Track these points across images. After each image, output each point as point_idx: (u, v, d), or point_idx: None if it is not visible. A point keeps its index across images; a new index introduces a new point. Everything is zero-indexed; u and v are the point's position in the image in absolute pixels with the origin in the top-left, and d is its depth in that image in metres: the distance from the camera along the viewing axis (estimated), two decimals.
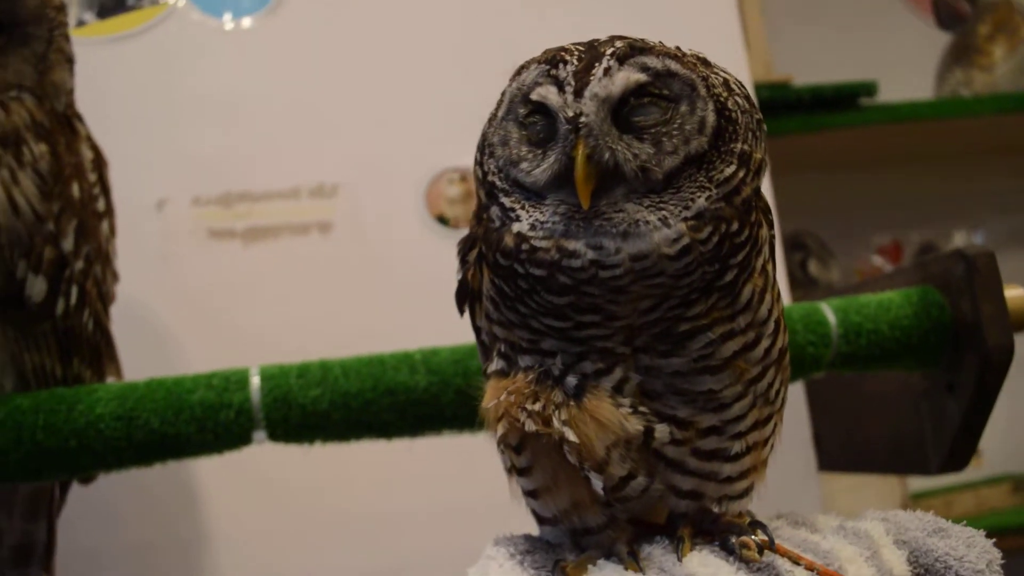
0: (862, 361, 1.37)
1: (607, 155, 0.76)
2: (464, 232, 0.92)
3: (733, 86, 0.80)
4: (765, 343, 0.81)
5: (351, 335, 1.53)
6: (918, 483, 2.73)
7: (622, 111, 0.77)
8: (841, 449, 1.83)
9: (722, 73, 0.81)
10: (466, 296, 0.89)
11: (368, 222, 1.83)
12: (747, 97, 0.81)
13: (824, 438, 1.88)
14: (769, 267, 0.82)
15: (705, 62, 0.81)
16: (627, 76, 0.76)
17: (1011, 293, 1.37)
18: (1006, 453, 2.91)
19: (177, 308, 1.75)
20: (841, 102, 2.65)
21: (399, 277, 1.79)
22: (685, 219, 0.75)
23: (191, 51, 1.89)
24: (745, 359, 0.80)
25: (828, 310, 1.36)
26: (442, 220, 1.85)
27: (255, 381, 1.22)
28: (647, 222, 0.75)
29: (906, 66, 3.21)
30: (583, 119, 0.76)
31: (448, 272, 0.92)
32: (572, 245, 0.75)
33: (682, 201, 0.76)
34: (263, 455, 1.31)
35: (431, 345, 1.28)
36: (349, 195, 1.84)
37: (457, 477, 1.63)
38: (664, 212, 0.76)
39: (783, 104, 2.55)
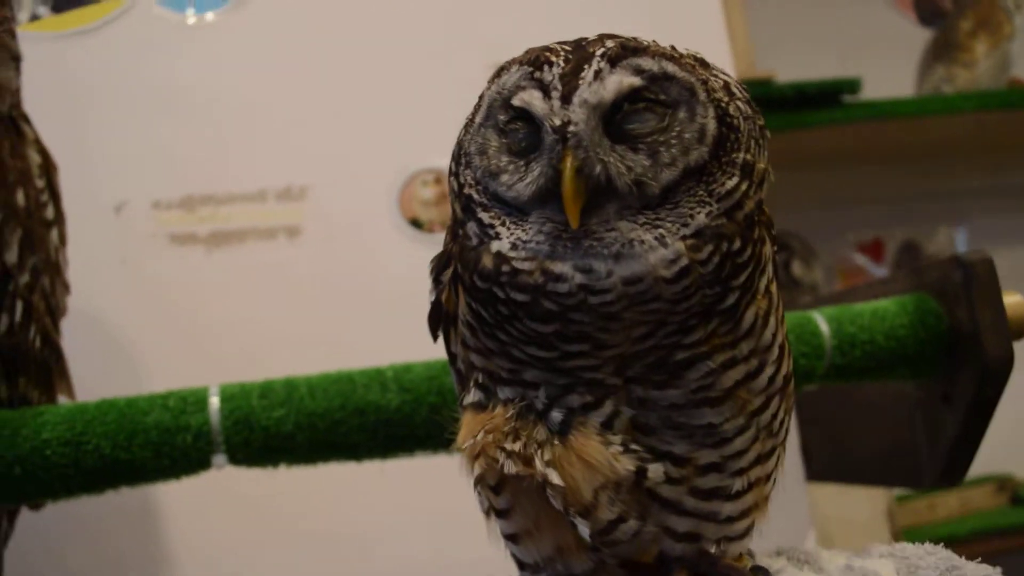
0: (856, 373, 1.32)
1: (598, 168, 0.69)
2: (440, 236, 0.84)
3: (734, 90, 0.73)
4: (769, 371, 0.74)
5: (320, 346, 1.46)
6: None
7: (614, 119, 0.70)
8: (829, 459, 1.77)
9: (722, 75, 0.74)
10: (440, 320, 0.82)
11: (338, 226, 1.76)
12: (749, 102, 0.74)
13: (812, 448, 1.83)
14: (773, 288, 0.75)
15: (703, 63, 0.74)
16: (620, 80, 0.69)
17: (1009, 300, 1.32)
18: (990, 453, 2.87)
19: (136, 319, 1.67)
20: (824, 99, 2.60)
21: (371, 284, 1.72)
22: (683, 237, 0.69)
23: (151, 47, 1.81)
24: (748, 389, 0.73)
25: (821, 320, 1.30)
26: (416, 223, 1.78)
27: (214, 402, 1.15)
28: (642, 242, 0.68)
29: (888, 63, 3.17)
30: (571, 128, 0.69)
31: (423, 278, 0.85)
32: (558, 268, 0.69)
33: (680, 218, 0.69)
34: (224, 469, 1.22)
35: (405, 356, 1.21)
36: (318, 198, 1.77)
37: (430, 491, 1.55)
38: (660, 230, 0.69)
39: (765, 101, 2.46)
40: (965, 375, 1.31)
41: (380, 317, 1.66)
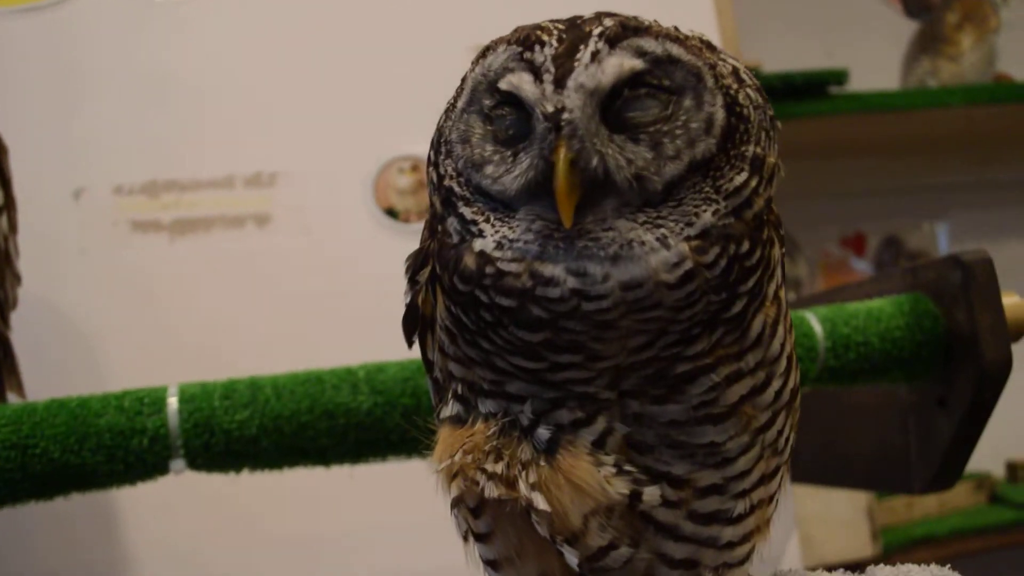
0: (850, 376, 1.27)
1: (595, 160, 0.63)
2: (417, 226, 0.77)
3: (744, 76, 0.67)
4: (776, 384, 0.68)
5: (289, 342, 1.40)
6: None
7: (612, 106, 0.63)
8: (816, 461, 1.72)
9: (731, 60, 0.67)
10: (416, 324, 0.75)
11: (310, 215, 1.70)
12: (759, 89, 0.68)
13: (798, 448, 1.77)
14: (782, 293, 0.69)
15: (710, 46, 0.68)
16: (620, 62, 0.62)
17: (1008, 301, 1.28)
18: None
19: (94, 311, 1.59)
20: (810, 90, 2.56)
21: (344, 277, 1.65)
22: (688, 238, 0.62)
23: (114, 24, 1.73)
24: (753, 404, 0.67)
25: (815, 320, 1.25)
26: (391, 213, 1.71)
27: (172, 403, 1.08)
28: (642, 243, 0.62)
29: (873, 54, 3.14)
30: (566, 115, 0.62)
31: (399, 271, 0.78)
32: (549, 270, 0.62)
33: (684, 216, 0.63)
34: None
35: (380, 354, 1.15)
36: (289, 185, 1.71)
37: (402, 497, 1.49)
38: (663, 230, 0.62)
39: None
40: (962, 379, 1.27)
41: (353, 312, 1.59)
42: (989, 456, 2.82)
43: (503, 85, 0.65)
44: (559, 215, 0.62)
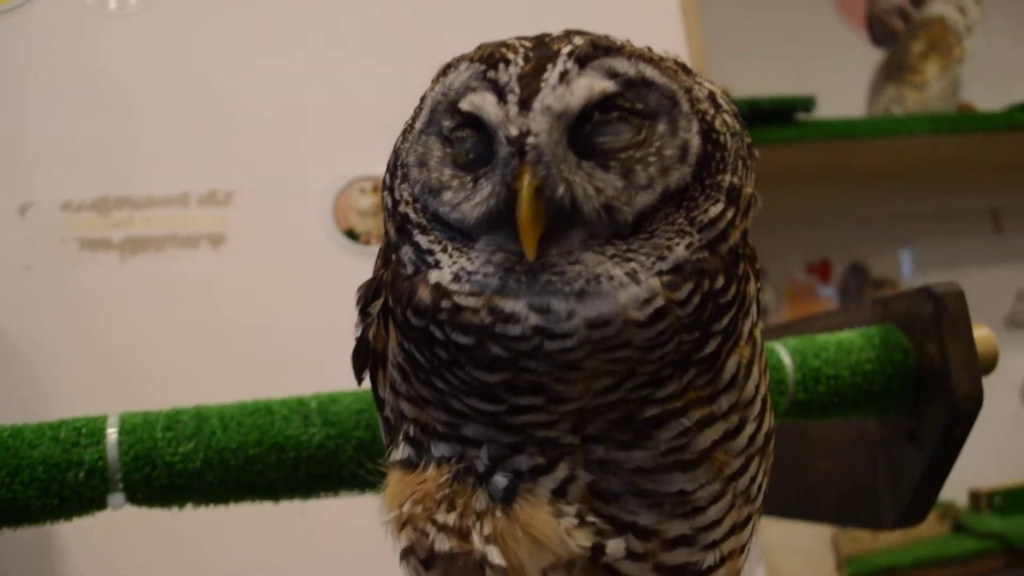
0: (819, 410, 1.24)
1: (561, 189, 0.59)
2: (378, 249, 0.73)
3: (720, 101, 0.64)
4: (750, 429, 0.65)
5: (241, 369, 1.34)
6: None
7: (581, 130, 0.60)
8: (783, 495, 1.69)
9: (707, 84, 0.64)
10: (366, 359, 0.70)
11: (267, 235, 1.65)
12: (736, 115, 0.64)
13: None
14: (757, 332, 0.65)
15: (685, 69, 0.64)
16: (590, 84, 0.59)
17: (978, 334, 1.25)
18: None
19: (38, 333, 1.53)
20: (778, 116, 2.56)
21: (300, 300, 1.60)
22: (659, 273, 0.58)
23: (64, 32, 1.67)
24: (726, 450, 0.64)
25: (784, 352, 1.22)
26: (352, 235, 1.67)
27: (111, 434, 1.02)
28: (610, 277, 0.58)
29: (839, 81, 3.16)
30: (531, 139, 0.58)
31: None
32: (510, 306, 0.58)
33: (656, 250, 0.59)
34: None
35: (335, 381, 1.09)
36: (245, 204, 1.65)
37: (355, 534, 1.43)
38: (633, 264, 0.59)
39: None
40: (933, 413, 1.25)
41: (309, 338, 1.53)
42: (952, 485, 2.82)
43: (464, 105, 0.61)
44: (521, 247, 0.58)
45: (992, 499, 2.80)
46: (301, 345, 1.53)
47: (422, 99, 0.67)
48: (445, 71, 0.65)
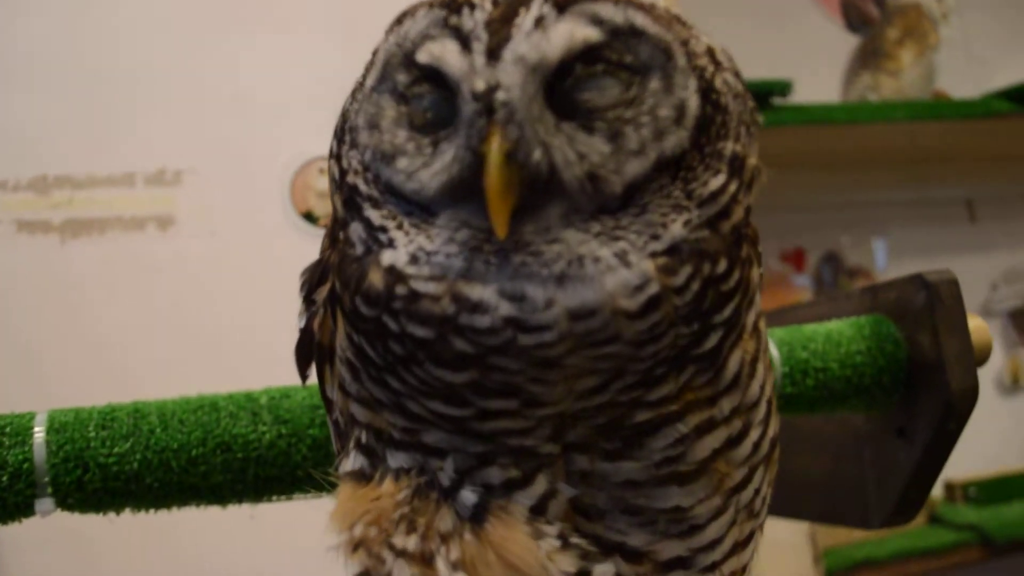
0: (807, 404, 1.18)
1: (537, 153, 0.51)
2: None
3: (720, 58, 0.56)
4: (754, 435, 0.57)
5: (189, 359, 1.24)
6: None
7: (561, 85, 0.52)
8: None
9: (704, 38, 0.56)
10: (311, 354, 0.62)
11: (219, 218, 1.56)
12: (738, 74, 0.57)
13: None
14: (761, 324, 0.58)
15: (679, 19, 0.56)
16: (570, 31, 0.51)
17: (971, 324, 1.19)
18: None
19: None
20: (755, 100, 2.49)
21: (255, 287, 1.51)
22: (653, 255, 0.51)
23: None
24: (727, 459, 0.56)
25: (771, 343, 1.14)
26: (310, 218, 1.59)
27: (39, 434, 0.94)
28: (596, 259, 0.50)
29: (815, 67, 3.12)
30: (501, 95, 0.50)
31: None
32: (476, 292, 0.50)
33: (649, 227, 0.52)
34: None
35: (291, 375, 1.00)
36: (196, 184, 1.57)
37: (309, 538, 1.35)
38: (622, 244, 0.51)
39: None
40: (925, 408, 1.19)
41: (263, 328, 1.44)
42: None
43: (422, 57, 0.53)
44: (490, 222, 0.50)
45: (967, 490, 2.78)
46: (254, 335, 1.44)
47: (374, 53, 0.59)
48: (400, 19, 0.57)
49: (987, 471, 2.84)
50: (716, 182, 0.53)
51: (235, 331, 1.46)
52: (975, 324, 1.21)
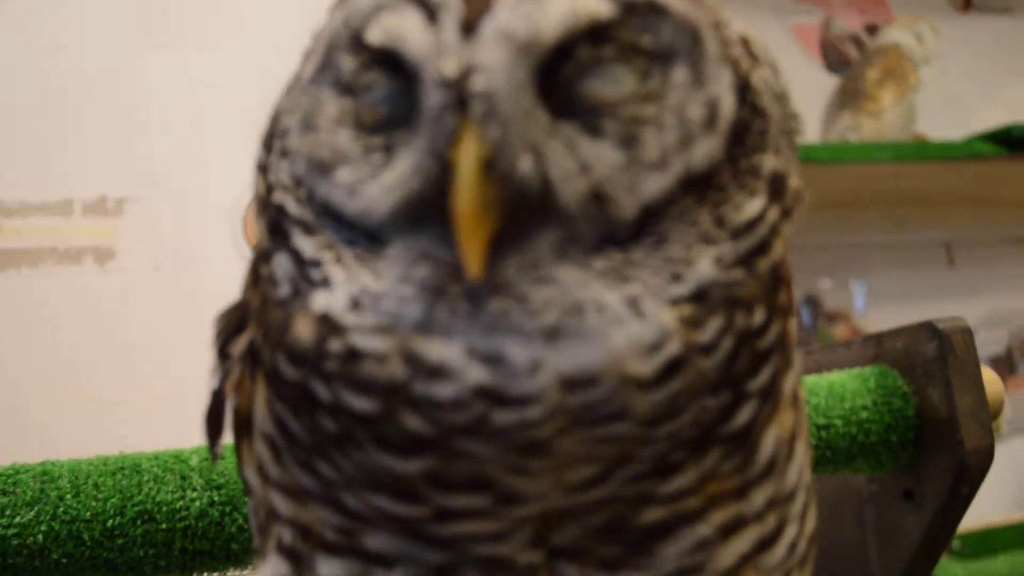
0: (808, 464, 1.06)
1: (525, 162, 0.39)
2: None
3: (756, 49, 0.45)
4: (790, 532, 0.46)
5: (122, 405, 1.11)
6: None
7: (559, 74, 0.40)
8: None
9: (736, 25, 0.45)
10: (222, 423, 0.49)
11: (163, 251, 1.45)
12: (775, 69, 0.46)
13: None
14: (800, 391, 0.46)
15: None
16: (572, 2, 0.39)
17: (984, 377, 1.11)
18: None
19: None
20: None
21: (201, 327, 1.36)
22: (674, 301, 0.39)
23: None
24: (757, 566, 0.44)
25: None
26: None
27: None
28: (600, 307, 0.38)
29: (794, 105, 3.08)
30: (478, 81, 0.38)
31: None
32: (437, 351, 0.38)
33: (669, 264, 0.40)
34: None
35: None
36: (139, 213, 1.46)
37: None
38: (634, 287, 0.39)
39: None
40: (935, 469, 1.11)
41: (207, 374, 1.31)
42: None
43: (373, 34, 0.41)
44: (460, 255, 0.38)
45: (953, 544, 2.68)
46: (199, 383, 1.30)
47: (314, 37, 0.47)
48: None
49: (972, 524, 2.75)
50: (753, 207, 0.42)
51: (177, 374, 1.33)
52: (987, 376, 1.12)
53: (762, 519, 0.44)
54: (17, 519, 0.81)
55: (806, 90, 3.20)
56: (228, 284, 1.39)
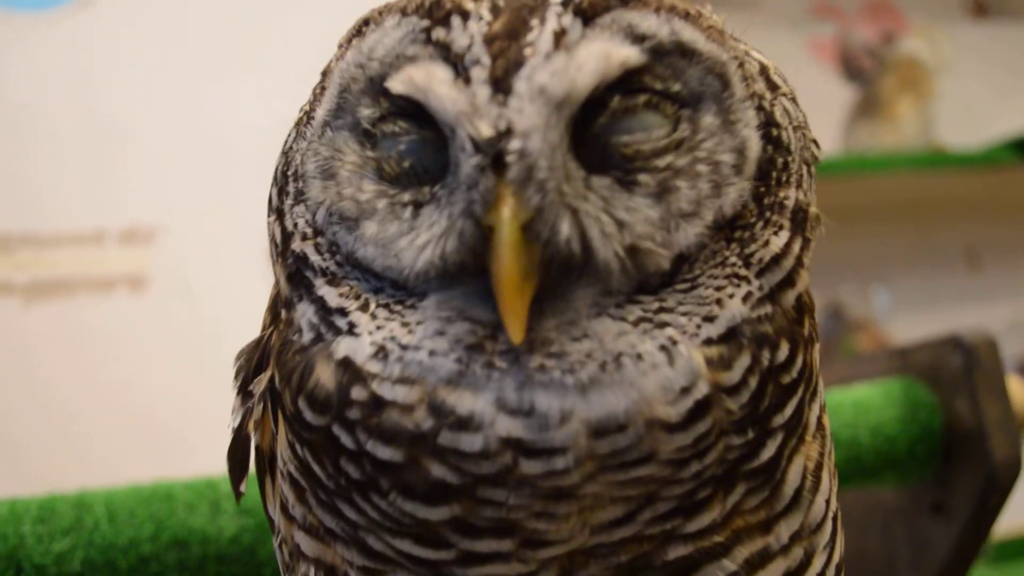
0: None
1: (565, 226, 0.39)
2: None
3: (775, 78, 0.46)
4: (817, 564, 0.46)
5: (156, 433, 1.13)
6: None
7: (591, 127, 0.40)
8: None
9: (755, 53, 0.46)
10: (246, 461, 0.50)
11: (195, 279, 1.48)
12: (794, 99, 0.46)
13: None
14: (825, 420, 0.47)
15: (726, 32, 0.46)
16: (605, 51, 0.39)
17: (1011, 388, 1.11)
18: None
19: None
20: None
21: (232, 355, 1.39)
22: (708, 342, 0.39)
23: None
24: None
25: None
26: None
27: None
28: (638, 356, 0.38)
29: (813, 117, 3.08)
30: (515, 144, 0.38)
31: None
32: (466, 403, 0.38)
33: (702, 305, 0.40)
34: None
35: None
36: (171, 242, 1.48)
37: None
38: (669, 331, 0.39)
39: None
40: (964, 481, 1.11)
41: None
42: None
43: (397, 85, 0.40)
44: (502, 318, 0.38)
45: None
46: (229, 411, 1.33)
47: (324, 75, 0.47)
48: (360, 29, 0.45)
49: (1001, 530, 2.73)
50: (778, 242, 0.42)
51: (210, 403, 1.35)
52: (1013, 387, 1.12)
53: (788, 552, 0.44)
54: (54, 547, 0.83)
55: (824, 102, 3.20)
56: (259, 309, 1.41)
